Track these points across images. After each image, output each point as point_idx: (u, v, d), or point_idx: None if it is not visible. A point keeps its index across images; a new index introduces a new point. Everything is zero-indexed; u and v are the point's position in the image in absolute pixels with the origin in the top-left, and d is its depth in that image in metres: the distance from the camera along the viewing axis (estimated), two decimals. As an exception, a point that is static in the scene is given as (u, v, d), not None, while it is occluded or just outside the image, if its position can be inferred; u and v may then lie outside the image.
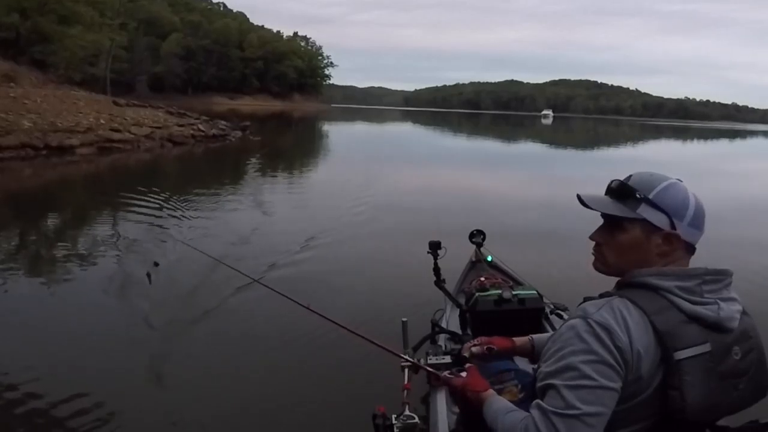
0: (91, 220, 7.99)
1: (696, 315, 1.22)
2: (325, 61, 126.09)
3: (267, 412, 3.16)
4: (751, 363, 1.28)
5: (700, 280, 1.26)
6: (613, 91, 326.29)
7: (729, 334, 1.25)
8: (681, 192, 1.31)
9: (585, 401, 1.15)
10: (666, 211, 1.29)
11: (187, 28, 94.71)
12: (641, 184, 1.32)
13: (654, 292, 1.25)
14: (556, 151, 30.34)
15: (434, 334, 2.75)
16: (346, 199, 9.52)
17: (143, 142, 16.74)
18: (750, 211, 10.72)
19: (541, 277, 4.02)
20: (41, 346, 3.75)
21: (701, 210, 1.31)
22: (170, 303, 4.57)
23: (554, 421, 1.16)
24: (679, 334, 1.19)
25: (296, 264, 5.81)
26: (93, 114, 17.08)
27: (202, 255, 4.16)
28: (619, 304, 1.23)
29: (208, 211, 8.43)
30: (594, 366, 1.16)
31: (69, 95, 19.25)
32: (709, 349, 1.20)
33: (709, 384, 1.20)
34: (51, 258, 6.07)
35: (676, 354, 1.18)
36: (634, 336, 1.18)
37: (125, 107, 20.55)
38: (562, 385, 1.18)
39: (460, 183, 13.09)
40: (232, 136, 22.14)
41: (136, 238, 6.60)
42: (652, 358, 1.19)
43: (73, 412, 3.01)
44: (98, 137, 15.24)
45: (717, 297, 1.26)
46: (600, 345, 1.17)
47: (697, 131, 77.02)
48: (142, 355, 3.67)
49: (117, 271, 5.37)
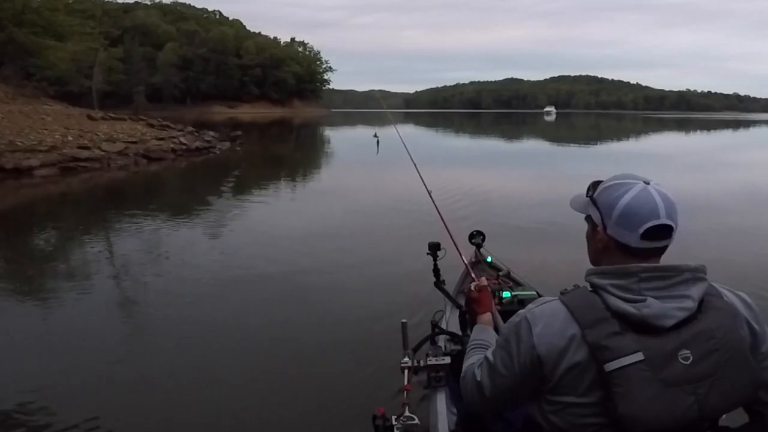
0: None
1: (620, 312, 1.23)
2: (323, 65, 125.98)
3: (267, 412, 3.17)
4: (714, 365, 1.21)
5: (637, 277, 1.25)
6: (614, 85, 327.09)
7: (666, 337, 1.21)
8: (615, 192, 1.32)
9: (484, 375, 1.42)
10: (599, 209, 1.35)
11: (183, 37, 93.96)
12: (602, 184, 1.38)
13: (594, 293, 1.29)
14: (563, 148, 29.63)
15: (434, 335, 2.72)
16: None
17: (115, 160, 15.20)
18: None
19: (541, 277, 4.03)
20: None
21: (633, 212, 1.28)
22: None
23: (476, 374, 1.44)
24: (609, 345, 1.20)
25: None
26: (60, 130, 15.67)
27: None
28: (553, 307, 1.31)
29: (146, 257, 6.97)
30: (500, 352, 1.37)
31: (37, 110, 17.84)
32: (642, 358, 1.18)
33: (648, 393, 1.18)
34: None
35: (605, 366, 1.19)
36: (551, 338, 1.26)
37: (100, 121, 19.11)
38: (489, 354, 1.42)
39: (460, 183, 12.32)
40: (218, 148, 20.61)
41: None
42: (585, 366, 1.23)
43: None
44: (62, 156, 13.73)
45: (661, 294, 1.24)
46: (515, 337, 1.33)
47: (701, 122, 77.01)
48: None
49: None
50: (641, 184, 1.31)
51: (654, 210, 1.27)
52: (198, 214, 9.28)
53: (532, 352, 1.28)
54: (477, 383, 1.43)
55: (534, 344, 1.28)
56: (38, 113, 17.27)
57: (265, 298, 5.04)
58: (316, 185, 14.08)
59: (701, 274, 1.28)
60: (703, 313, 1.25)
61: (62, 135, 15.25)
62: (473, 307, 1.85)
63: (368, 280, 5.58)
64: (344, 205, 9.77)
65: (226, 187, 12.54)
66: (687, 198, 9.18)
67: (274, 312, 4.68)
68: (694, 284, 1.26)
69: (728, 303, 1.30)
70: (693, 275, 1.27)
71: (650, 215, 1.27)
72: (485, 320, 1.78)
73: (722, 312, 1.27)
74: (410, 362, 2.30)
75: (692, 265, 1.28)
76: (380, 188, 11.65)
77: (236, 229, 8.18)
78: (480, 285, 1.91)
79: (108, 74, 50.48)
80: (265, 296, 5.11)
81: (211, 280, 5.48)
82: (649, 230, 1.27)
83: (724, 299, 1.30)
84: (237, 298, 5.05)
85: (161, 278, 5.64)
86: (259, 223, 8.60)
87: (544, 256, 6.24)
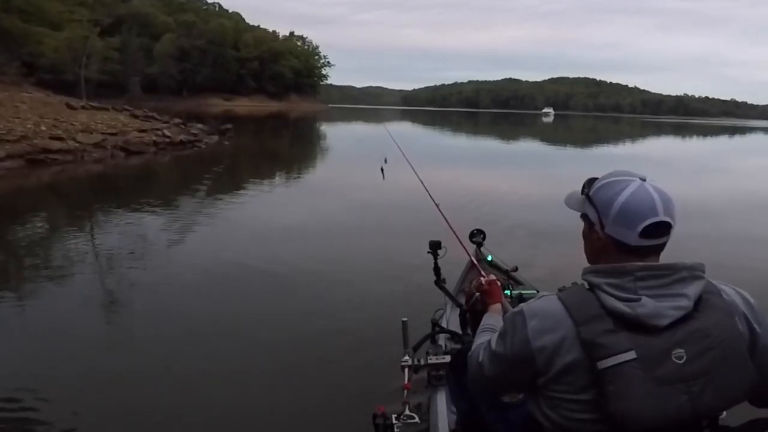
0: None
1: (614, 311, 1.22)
2: (322, 60, 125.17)
3: (266, 412, 3.11)
4: (708, 363, 1.20)
5: (632, 276, 1.25)
6: (612, 88, 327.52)
7: (660, 336, 1.20)
8: (612, 189, 1.30)
9: (485, 357, 1.44)
10: (596, 207, 1.33)
11: (181, 29, 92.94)
12: (597, 182, 1.37)
13: (590, 291, 1.28)
14: (563, 149, 29.35)
15: (434, 334, 2.73)
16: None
17: (90, 152, 14.23)
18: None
19: (541, 278, 4.05)
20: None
21: (631, 209, 1.26)
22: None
23: (479, 355, 1.46)
24: (602, 343, 1.20)
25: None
26: (34, 119, 14.74)
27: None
28: (551, 302, 1.30)
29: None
30: (499, 340, 1.39)
31: (13, 98, 16.90)
32: (635, 357, 1.18)
33: (640, 391, 1.17)
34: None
35: (598, 364, 1.19)
36: (546, 333, 1.26)
37: (79, 110, 18.18)
38: (492, 339, 1.43)
39: (460, 182, 12.25)
40: (205, 141, 19.68)
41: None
42: (579, 362, 1.23)
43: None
44: (32, 147, 12.79)
45: (656, 293, 1.23)
46: (511, 328, 1.34)
47: (698, 128, 77.47)
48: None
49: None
50: (637, 181, 1.30)
51: (652, 207, 1.26)
52: (160, 215, 8.42)
53: (525, 345, 1.29)
54: (479, 363, 1.45)
55: (528, 338, 1.29)
56: (13, 101, 16.33)
57: (254, 296, 4.97)
58: (304, 184, 13.27)
59: (698, 272, 1.27)
60: (700, 312, 1.23)
61: (35, 124, 14.30)
62: (485, 298, 1.87)
63: (368, 279, 5.49)
64: (333, 209, 9.09)
65: (201, 186, 11.54)
66: (680, 202, 9.28)
67: (270, 310, 4.62)
68: (691, 283, 1.25)
69: (727, 301, 1.28)
70: (690, 273, 1.26)
71: (648, 212, 1.26)
72: (496, 309, 1.80)
73: (720, 310, 1.25)
74: (410, 361, 2.34)
75: (689, 264, 1.26)
76: (378, 188, 10.90)
77: (210, 231, 7.38)
78: (489, 279, 1.94)
79: (104, 64, 49.31)
80: (255, 294, 5.03)
81: (176, 282, 5.21)
82: (648, 228, 1.26)
83: (723, 297, 1.28)
84: (231, 296, 4.95)
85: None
86: (232, 227, 7.77)
87: (544, 256, 6.23)
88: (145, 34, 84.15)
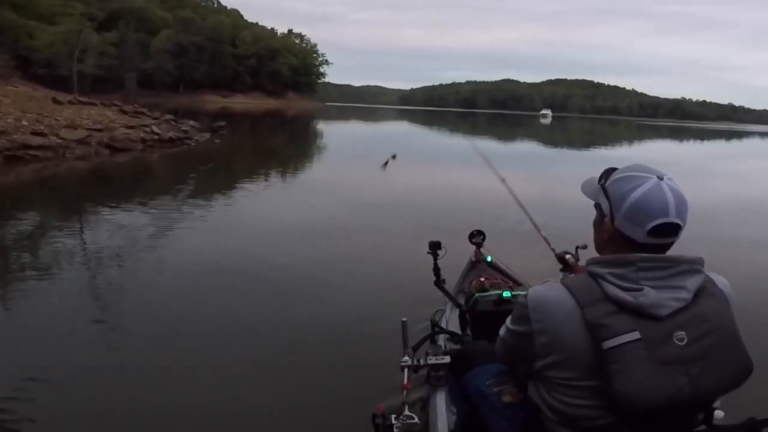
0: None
1: (617, 299, 1.23)
2: (320, 58, 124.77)
3: (265, 411, 3.10)
4: (707, 347, 1.23)
5: (635, 266, 1.25)
6: (610, 90, 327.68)
7: (662, 322, 1.22)
8: (627, 184, 1.30)
9: (501, 335, 1.49)
10: (610, 200, 1.33)
11: (179, 25, 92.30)
12: (615, 174, 1.37)
13: (593, 279, 1.29)
14: (562, 151, 29.27)
15: (434, 334, 2.72)
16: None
17: (73, 149, 13.66)
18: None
19: (541, 278, 3.54)
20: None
21: (643, 207, 1.27)
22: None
23: (501, 332, 1.50)
24: (606, 324, 1.21)
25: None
26: (16, 114, 14.19)
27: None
28: (555, 287, 1.33)
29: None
30: (510, 321, 1.44)
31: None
32: (639, 337, 1.19)
33: (643, 371, 1.19)
34: None
35: (603, 344, 1.20)
36: (552, 317, 1.29)
37: (66, 105, 17.60)
38: (508, 321, 1.47)
39: (461, 182, 12.08)
40: (195, 139, 19.12)
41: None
42: (582, 345, 1.24)
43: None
44: (11, 143, 12.25)
45: (657, 284, 1.24)
46: (518, 314, 1.39)
47: (695, 131, 77.40)
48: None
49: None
50: (655, 178, 1.29)
51: (664, 207, 1.26)
52: (139, 214, 7.90)
53: (528, 327, 1.32)
54: (501, 339, 1.50)
55: (530, 319, 1.32)
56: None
57: (252, 296, 4.86)
58: (296, 185, 12.76)
59: (698, 266, 1.29)
60: (698, 298, 1.25)
61: (16, 119, 13.74)
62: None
63: (367, 279, 5.42)
64: (327, 210, 8.63)
65: (184, 187, 10.97)
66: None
67: (268, 310, 4.54)
68: (692, 276, 1.27)
69: (720, 289, 1.31)
70: (690, 267, 1.28)
71: (660, 213, 1.26)
72: None
73: (716, 298, 1.28)
74: (410, 361, 2.38)
75: (690, 257, 1.28)
76: (378, 188, 10.59)
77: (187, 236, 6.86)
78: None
79: (100, 59, 48.65)
80: (253, 294, 4.92)
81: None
82: (657, 227, 1.26)
83: (716, 285, 1.31)
84: (230, 296, 4.82)
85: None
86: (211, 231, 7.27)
87: (539, 255, 5.82)
88: (143, 30, 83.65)
